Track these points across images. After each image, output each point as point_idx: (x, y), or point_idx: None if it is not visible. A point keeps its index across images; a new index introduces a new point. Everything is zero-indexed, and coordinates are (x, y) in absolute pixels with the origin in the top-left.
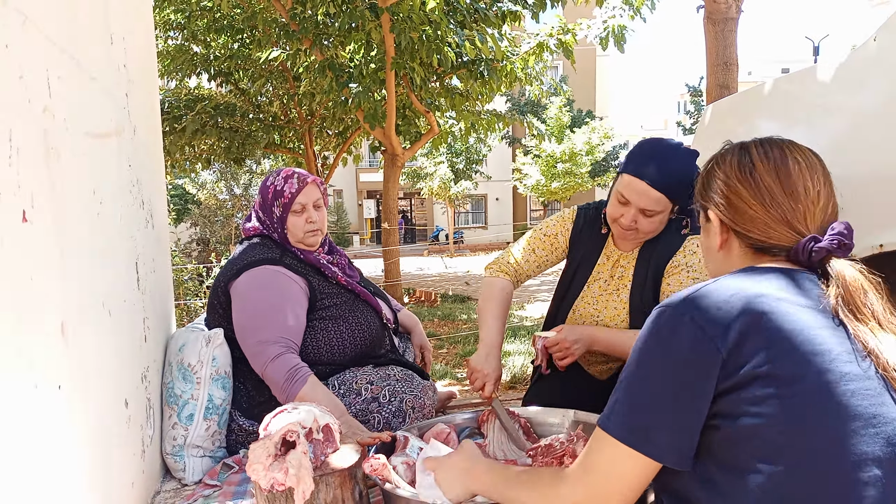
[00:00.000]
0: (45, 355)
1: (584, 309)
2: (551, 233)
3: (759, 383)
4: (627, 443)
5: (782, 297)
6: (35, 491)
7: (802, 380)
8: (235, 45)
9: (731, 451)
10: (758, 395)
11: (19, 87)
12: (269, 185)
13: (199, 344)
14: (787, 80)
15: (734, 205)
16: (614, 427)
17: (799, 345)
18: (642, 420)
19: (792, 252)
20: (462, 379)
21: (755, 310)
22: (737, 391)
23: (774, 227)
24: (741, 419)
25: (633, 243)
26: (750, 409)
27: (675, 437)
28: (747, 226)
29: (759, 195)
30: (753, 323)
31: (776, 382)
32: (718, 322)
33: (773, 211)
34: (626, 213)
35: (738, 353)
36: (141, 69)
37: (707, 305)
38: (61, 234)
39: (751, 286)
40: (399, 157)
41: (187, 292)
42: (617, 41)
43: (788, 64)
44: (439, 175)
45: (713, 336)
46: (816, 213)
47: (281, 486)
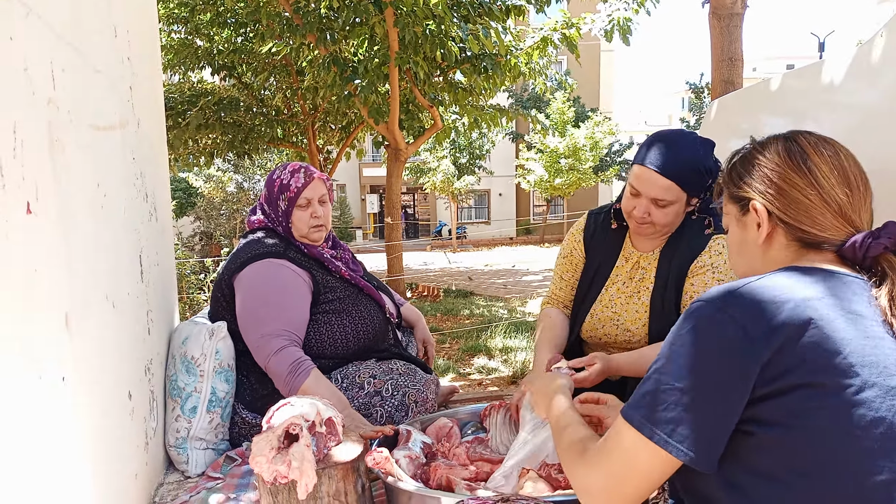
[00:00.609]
0: (50, 347)
1: (602, 312)
2: (567, 252)
3: (800, 393)
4: (648, 435)
5: (832, 303)
6: (39, 482)
7: (847, 393)
8: (239, 39)
9: (763, 458)
10: (798, 405)
11: (23, 79)
12: (275, 179)
13: (203, 337)
14: (794, 76)
15: (786, 194)
16: (638, 419)
17: (846, 355)
18: (667, 416)
19: (847, 247)
20: (464, 374)
21: (802, 315)
22: (774, 398)
23: (829, 219)
24: (778, 427)
25: (651, 242)
26: (789, 420)
27: (702, 438)
28: (800, 217)
29: (816, 183)
30: (799, 329)
31: (819, 394)
32: (762, 324)
33: (830, 201)
34: (639, 204)
35: (779, 360)
36: (145, 62)
37: (751, 304)
38: (66, 227)
39: (799, 288)
40: (402, 152)
41: (190, 286)
42: (622, 34)
43: (793, 60)
44: (442, 170)
45: (755, 338)
46: (866, 207)
47: (284, 479)
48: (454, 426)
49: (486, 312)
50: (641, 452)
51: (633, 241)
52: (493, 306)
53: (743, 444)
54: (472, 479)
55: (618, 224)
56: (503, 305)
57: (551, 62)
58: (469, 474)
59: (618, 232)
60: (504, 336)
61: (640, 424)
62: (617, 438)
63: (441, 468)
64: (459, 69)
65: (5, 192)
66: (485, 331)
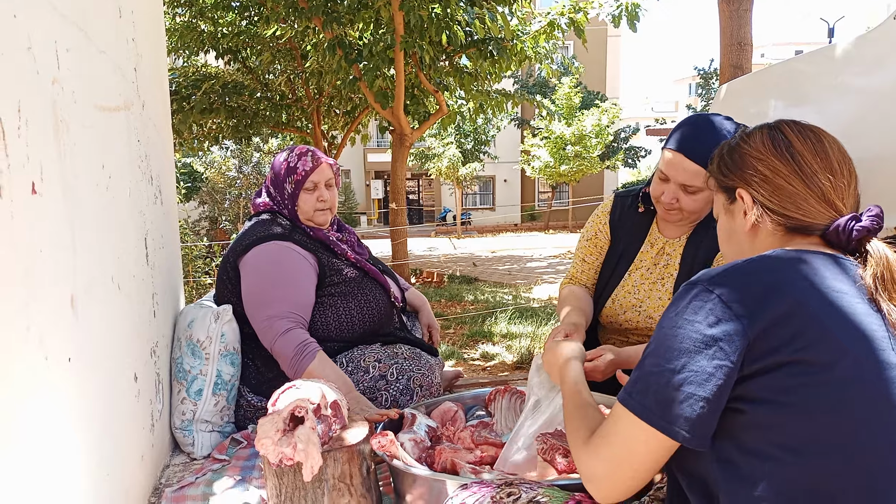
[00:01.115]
0: (56, 328)
1: (624, 298)
2: (591, 234)
3: (789, 370)
4: (643, 418)
5: (818, 282)
6: (44, 462)
7: (837, 369)
8: (243, 23)
9: (754, 436)
10: (787, 382)
11: (27, 58)
12: (282, 162)
13: (208, 320)
14: (802, 60)
15: (770, 181)
16: (632, 402)
17: (834, 332)
18: (660, 398)
19: (830, 231)
20: (469, 359)
21: (788, 293)
22: (764, 376)
23: (813, 204)
24: (768, 405)
25: (678, 228)
26: (778, 397)
27: (694, 416)
28: (785, 203)
29: (800, 170)
30: (786, 307)
31: (808, 370)
32: (747, 302)
33: (814, 187)
34: (667, 189)
35: (766, 337)
36: (149, 43)
37: (737, 284)
38: (70, 207)
39: (785, 267)
40: (407, 138)
41: (196, 270)
42: (630, 19)
43: (802, 46)
44: (447, 156)
45: (740, 315)
46: (850, 193)
47: (289, 461)
48: (459, 410)
49: (490, 298)
50: (638, 435)
51: (660, 227)
52: (498, 292)
53: (734, 422)
54: (476, 462)
55: (645, 208)
56: (508, 291)
57: (558, 46)
58: (474, 458)
59: (644, 216)
60: (508, 322)
61: (634, 407)
62: (615, 424)
63: (446, 451)
64: (465, 54)
65: (10, 171)
66: (489, 316)
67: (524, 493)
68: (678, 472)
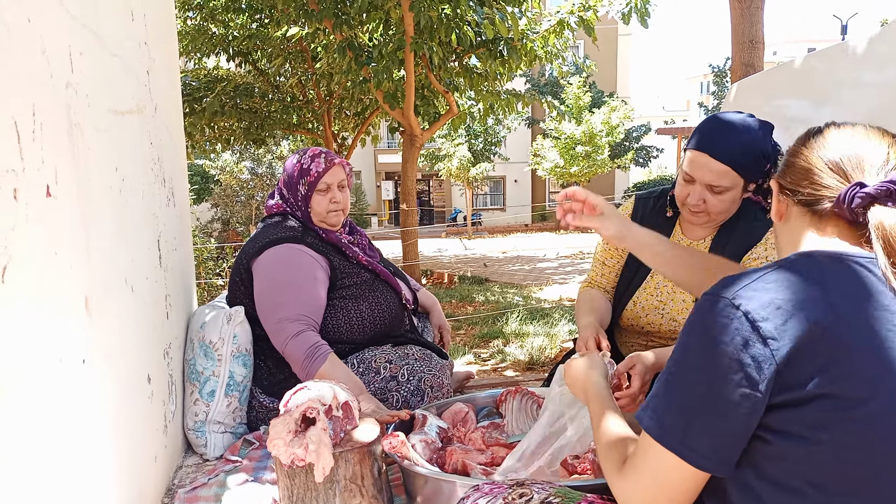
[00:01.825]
0: (70, 330)
1: (646, 301)
2: None
3: (820, 403)
4: (662, 443)
5: (852, 302)
6: (60, 462)
7: (870, 403)
8: (254, 25)
9: (780, 468)
10: (818, 417)
11: (42, 62)
12: (295, 163)
13: (221, 321)
14: (816, 57)
15: (790, 162)
16: (650, 424)
17: (867, 362)
18: (680, 421)
19: (836, 203)
20: (480, 360)
21: (820, 316)
22: (793, 408)
23: (827, 176)
24: (796, 439)
25: (703, 230)
26: (808, 431)
27: (716, 443)
28: (798, 178)
29: (820, 148)
30: (817, 332)
31: (840, 404)
32: (777, 325)
33: (827, 158)
34: (693, 191)
35: (796, 366)
36: (162, 46)
37: (764, 301)
38: (85, 210)
39: (815, 285)
40: (418, 138)
41: (208, 272)
42: (641, 16)
43: (815, 44)
44: (458, 156)
45: (768, 338)
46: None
47: (301, 462)
48: (470, 411)
49: (501, 299)
50: (668, 462)
51: (684, 229)
52: (509, 293)
53: (759, 451)
54: (487, 463)
55: (673, 212)
56: (518, 292)
57: (568, 45)
58: (485, 459)
59: (668, 218)
60: (520, 323)
61: (654, 432)
62: (644, 451)
63: (457, 453)
64: (475, 54)
65: (25, 175)
66: (500, 317)
67: (536, 494)
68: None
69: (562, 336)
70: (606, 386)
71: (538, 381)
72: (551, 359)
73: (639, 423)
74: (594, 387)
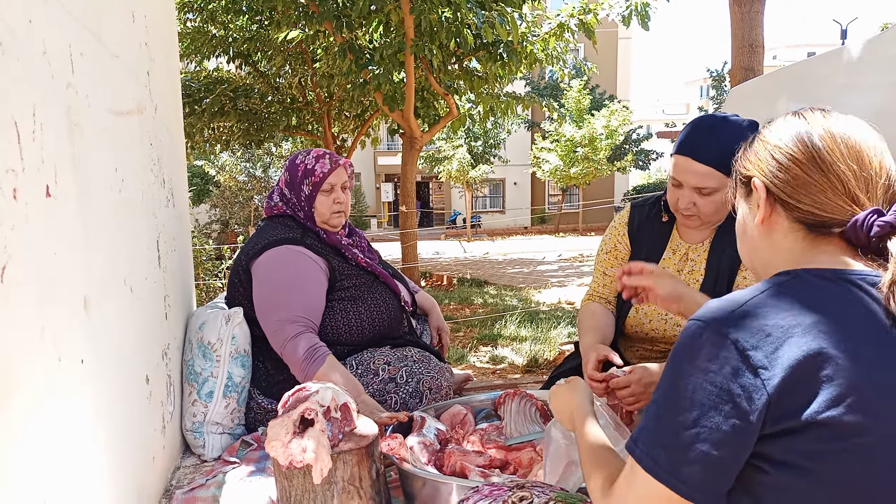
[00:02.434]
0: (69, 330)
1: (649, 307)
2: (610, 247)
3: (815, 433)
4: (652, 474)
5: (843, 329)
6: (57, 462)
7: (868, 432)
8: (254, 27)
9: (775, 498)
10: (813, 447)
11: (42, 63)
12: (298, 164)
13: (219, 322)
14: (815, 62)
15: (783, 166)
16: (640, 454)
17: (863, 390)
18: (670, 451)
19: (849, 228)
20: (478, 362)
21: (812, 344)
22: (787, 437)
23: (831, 197)
24: (793, 469)
25: (700, 233)
26: (804, 461)
27: (707, 474)
28: (798, 194)
29: (819, 157)
30: (810, 360)
31: (836, 434)
32: (767, 353)
33: (832, 176)
34: (682, 195)
35: (789, 395)
36: (162, 48)
37: (753, 328)
38: (84, 211)
39: (808, 309)
40: (417, 140)
41: (206, 273)
42: (641, 19)
43: (815, 48)
44: (457, 159)
45: (759, 368)
46: (879, 186)
47: (299, 463)
48: (468, 413)
49: (499, 302)
50: (654, 493)
51: (681, 233)
52: (508, 295)
53: (755, 480)
54: (486, 465)
55: (668, 217)
56: (517, 295)
57: (568, 49)
58: (483, 461)
59: (665, 223)
60: (518, 325)
61: (645, 463)
62: (630, 479)
63: (455, 455)
64: (475, 56)
65: (25, 175)
66: (499, 319)
67: (536, 498)
68: None
69: (561, 339)
70: (591, 409)
71: (537, 384)
72: (550, 361)
73: (632, 455)
74: (579, 410)
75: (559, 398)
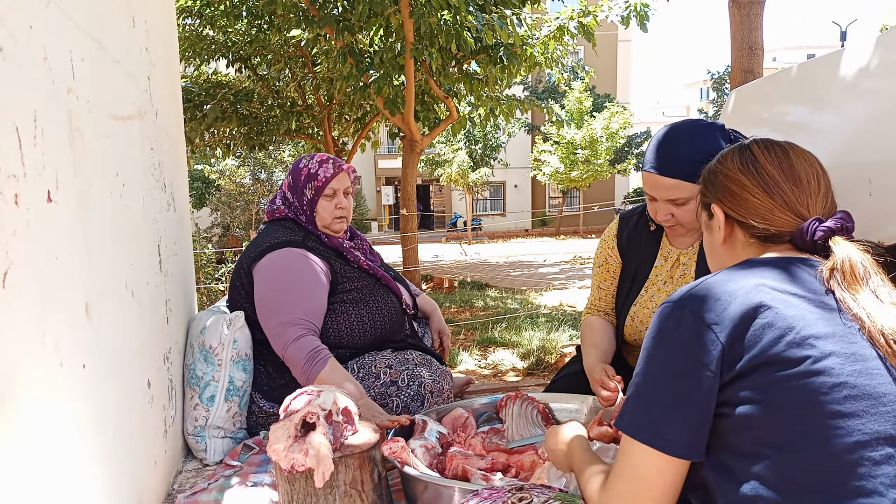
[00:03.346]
0: (71, 335)
1: (642, 314)
2: (601, 261)
3: (762, 371)
4: (639, 439)
5: (781, 286)
6: (59, 468)
7: (805, 364)
8: (254, 31)
9: (738, 436)
10: (761, 381)
11: (43, 68)
12: (301, 168)
13: (221, 326)
14: (816, 64)
15: (737, 195)
16: (626, 424)
17: (799, 329)
18: (651, 415)
19: (797, 235)
20: (480, 365)
21: (753, 300)
22: (740, 380)
23: (777, 213)
24: (745, 406)
25: (690, 237)
26: (753, 396)
27: (684, 429)
28: (750, 214)
29: (763, 182)
30: (752, 312)
31: (778, 368)
32: (718, 313)
33: (777, 197)
34: (658, 208)
35: (737, 344)
36: (163, 52)
37: (706, 297)
38: (85, 215)
39: (749, 277)
40: (418, 144)
41: (208, 276)
42: (640, 20)
43: (814, 50)
44: (458, 162)
45: (712, 325)
46: (818, 200)
47: (301, 467)
48: (470, 416)
49: (500, 304)
50: (646, 461)
51: (671, 239)
52: (509, 298)
53: (722, 427)
54: (487, 469)
55: (655, 226)
56: (518, 297)
57: (568, 51)
58: (485, 464)
59: (653, 232)
60: (520, 327)
61: (631, 431)
62: (623, 458)
63: (457, 458)
64: (475, 60)
65: (26, 180)
66: (500, 322)
67: (536, 498)
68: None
69: (562, 341)
70: (587, 446)
71: (539, 387)
72: (551, 364)
73: (619, 428)
74: (576, 449)
75: (554, 437)
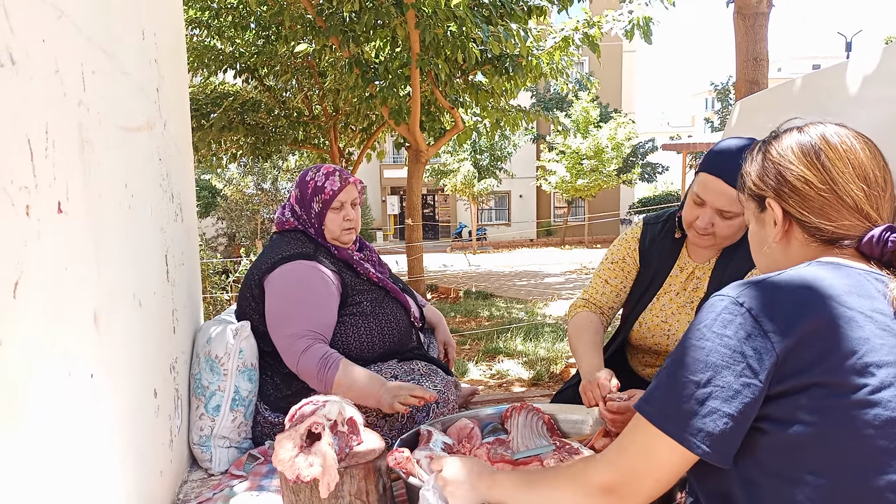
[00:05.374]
0: (79, 344)
1: (651, 322)
2: (618, 258)
3: (814, 392)
4: (663, 429)
5: (849, 301)
6: (68, 476)
7: (861, 392)
8: (261, 42)
9: (779, 458)
10: (812, 404)
11: (55, 81)
12: (308, 181)
13: (227, 336)
14: (821, 75)
15: (799, 191)
16: (651, 411)
17: (862, 355)
18: (683, 408)
19: (864, 243)
20: (485, 375)
21: (819, 312)
22: (789, 396)
23: (845, 215)
24: (793, 427)
25: (708, 252)
26: (804, 418)
27: (717, 431)
28: (815, 214)
29: (830, 179)
30: (815, 326)
31: (833, 393)
32: (778, 320)
33: (846, 196)
34: (703, 214)
35: (794, 357)
36: (171, 64)
37: (767, 299)
38: (95, 226)
39: (818, 285)
40: (423, 154)
41: (213, 286)
42: (644, 33)
43: (819, 60)
44: (463, 172)
45: (769, 332)
46: (886, 201)
47: (306, 478)
48: (475, 427)
49: (505, 314)
50: (658, 447)
51: (689, 251)
52: (514, 308)
53: (758, 442)
54: None
55: (681, 234)
56: (524, 308)
57: (573, 62)
58: None
59: (676, 241)
60: (525, 338)
61: (654, 417)
62: (633, 434)
63: None
64: (481, 70)
65: (37, 191)
66: (505, 332)
67: None
68: (699, 487)
69: (567, 352)
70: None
71: (544, 397)
72: (557, 374)
73: (639, 412)
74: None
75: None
